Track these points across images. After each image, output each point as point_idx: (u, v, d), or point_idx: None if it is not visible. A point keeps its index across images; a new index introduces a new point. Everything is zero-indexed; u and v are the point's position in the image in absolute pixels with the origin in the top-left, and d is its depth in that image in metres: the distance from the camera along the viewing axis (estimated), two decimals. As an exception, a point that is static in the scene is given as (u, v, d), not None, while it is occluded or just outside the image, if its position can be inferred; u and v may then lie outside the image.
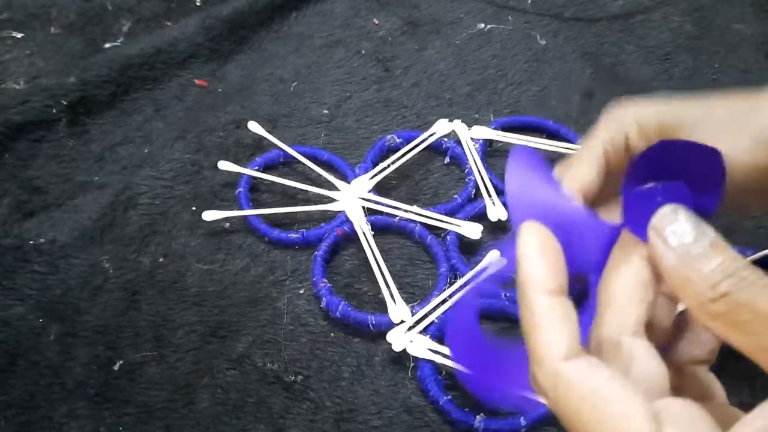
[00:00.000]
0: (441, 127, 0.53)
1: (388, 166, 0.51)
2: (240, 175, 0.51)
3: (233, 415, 0.40)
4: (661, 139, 0.23)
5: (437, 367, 0.41)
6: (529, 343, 0.20)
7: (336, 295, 0.44)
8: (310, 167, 0.51)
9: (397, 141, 0.53)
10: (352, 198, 0.49)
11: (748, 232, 0.49)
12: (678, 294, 0.20)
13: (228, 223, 0.49)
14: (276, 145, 0.53)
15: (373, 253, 0.46)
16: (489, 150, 0.54)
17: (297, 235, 0.47)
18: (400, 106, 0.58)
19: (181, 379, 0.41)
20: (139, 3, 0.66)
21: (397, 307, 0.43)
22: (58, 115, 0.54)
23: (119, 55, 0.58)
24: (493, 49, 0.63)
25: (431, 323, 0.42)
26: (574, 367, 0.19)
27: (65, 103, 0.54)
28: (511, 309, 0.42)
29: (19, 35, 0.62)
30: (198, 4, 0.66)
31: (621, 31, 0.66)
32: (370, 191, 0.49)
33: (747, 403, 0.19)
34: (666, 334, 0.23)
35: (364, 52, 0.62)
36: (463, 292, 0.43)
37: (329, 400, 0.40)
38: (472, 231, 0.46)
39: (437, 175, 0.52)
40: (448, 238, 0.47)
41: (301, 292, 0.45)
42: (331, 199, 0.49)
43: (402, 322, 0.42)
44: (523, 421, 0.38)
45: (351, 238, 0.48)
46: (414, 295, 0.45)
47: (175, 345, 0.42)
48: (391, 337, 0.41)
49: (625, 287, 0.21)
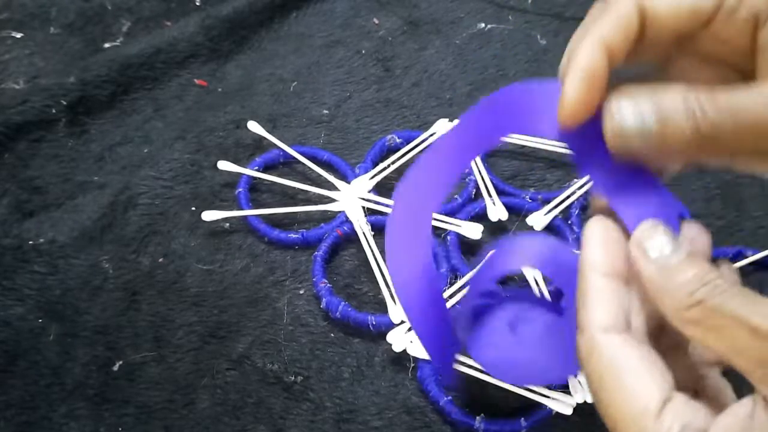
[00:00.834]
0: (441, 127, 0.53)
1: (388, 166, 0.51)
2: (240, 175, 0.51)
3: (233, 415, 0.40)
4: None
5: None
6: (579, 314, 0.22)
7: (336, 295, 0.44)
8: (310, 167, 0.51)
9: (397, 141, 0.53)
10: (352, 198, 0.49)
11: (748, 232, 0.49)
12: (656, 302, 0.21)
13: (228, 224, 0.49)
14: (276, 145, 0.53)
15: (373, 254, 0.46)
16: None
17: (297, 236, 0.47)
18: (400, 106, 0.58)
19: (180, 379, 0.41)
20: (138, 3, 0.66)
21: (397, 308, 0.42)
22: (57, 115, 0.54)
23: (119, 55, 0.58)
24: (494, 48, 0.63)
25: (431, 323, 0.42)
26: (610, 339, 0.21)
27: (65, 103, 0.54)
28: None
29: (19, 35, 0.62)
30: (198, 4, 0.66)
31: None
32: (370, 191, 0.49)
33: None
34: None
35: (364, 52, 0.62)
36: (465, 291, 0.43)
37: (329, 400, 0.40)
38: (472, 231, 0.46)
39: (437, 175, 0.52)
40: (449, 238, 0.46)
41: (301, 292, 0.45)
42: (331, 199, 0.49)
43: (402, 322, 0.42)
44: (523, 422, 0.38)
45: (351, 238, 0.48)
46: (414, 295, 0.45)
47: (174, 345, 0.42)
48: (391, 337, 0.41)
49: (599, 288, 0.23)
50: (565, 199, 0.49)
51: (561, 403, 0.38)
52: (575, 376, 0.39)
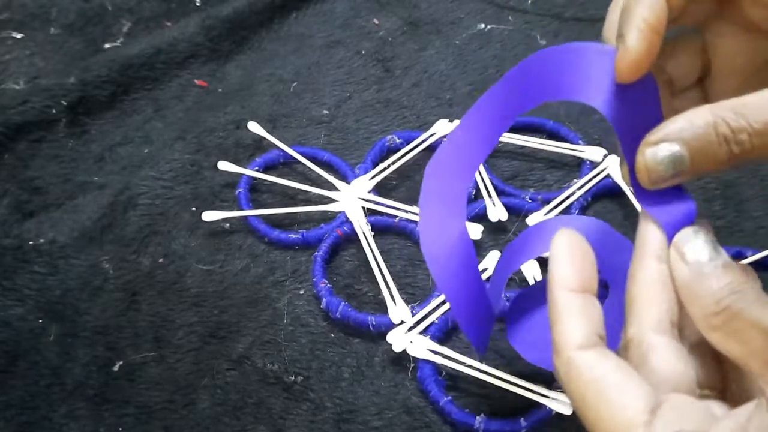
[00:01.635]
0: (441, 128, 0.53)
1: (388, 166, 0.51)
2: (240, 175, 0.51)
3: (233, 415, 0.40)
4: None
5: (437, 368, 0.41)
6: (552, 333, 0.22)
7: (336, 295, 0.44)
8: (310, 167, 0.51)
9: (397, 141, 0.53)
10: (352, 198, 0.49)
11: (749, 232, 0.49)
12: (686, 305, 0.22)
13: (228, 224, 0.49)
14: (276, 146, 0.53)
15: (373, 254, 0.46)
16: (489, 150, 0.54)
17: (297, 236, 0.47)
18: (400, 107, 0.58)
19: (181, 379, 0.41)
20: (139, 3, 0.66)
21: (397, 308, 0.42)
22: (58, 115, 0.54)
23: (119, 55, 0.58)
24: (494, 49, 0.63)
25: (431, 324, 0.42)
26: (585, 355, 0.21)
27: (65, 103, 0.54)
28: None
29: (19, 35, 0.62)
30: (198, 4, 0.66)
31: (621, 31, 0.66)
32: (370, 192, 0.49)
33: None
34: None
35: (364, 53, 0.62)
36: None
37: (329, 400, 0.40)
38: (472, 231, 0.46)
39: (437, 176, 0.52)
40: (449, 238, 0.46)
41: (301, 292, 0.45)
42: (331, 200, 0.49)
43: (402, 322, 0.42)
44: (523, 422, 0.38)
45: (351, 238, 0.48)
46: (414, 295, 0.45)
47: (174, 345, 0.42)
48: (391, 337, 0.41)
49: (642, 288, 0.23)
50: (565, 200, 0.49)
51: (561, 403, 0.38)
52: None
